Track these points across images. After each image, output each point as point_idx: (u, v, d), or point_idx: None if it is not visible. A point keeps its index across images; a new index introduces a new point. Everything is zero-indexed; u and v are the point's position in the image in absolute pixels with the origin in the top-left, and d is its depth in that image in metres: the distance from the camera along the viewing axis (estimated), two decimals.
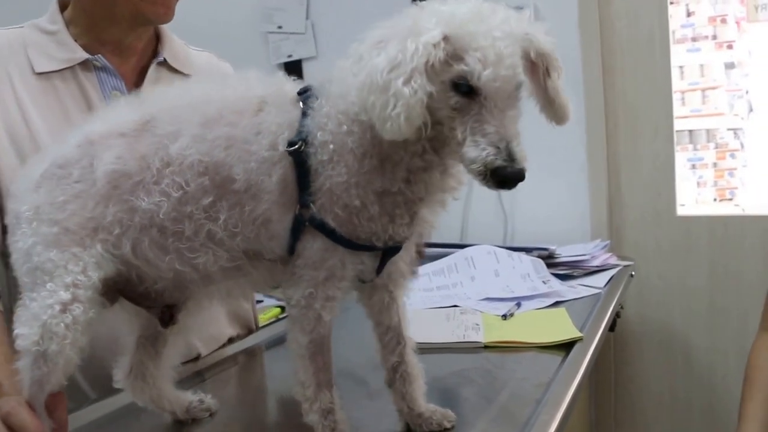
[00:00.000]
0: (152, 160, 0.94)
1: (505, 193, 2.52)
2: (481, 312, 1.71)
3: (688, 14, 2.42)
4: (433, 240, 2.26)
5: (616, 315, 1.92)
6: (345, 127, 0.90)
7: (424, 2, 0.90)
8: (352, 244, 0.93)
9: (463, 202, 2.58)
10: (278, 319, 1.86)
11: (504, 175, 0.82)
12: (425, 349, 1.42)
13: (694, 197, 2.44)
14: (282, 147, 0.91)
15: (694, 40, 2.41)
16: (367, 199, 0.91)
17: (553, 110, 0.93)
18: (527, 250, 2.09)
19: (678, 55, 2.42)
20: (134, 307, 1.07)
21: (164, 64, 1.43)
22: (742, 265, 2.37)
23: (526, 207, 2.55)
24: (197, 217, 0.93)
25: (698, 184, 2.44)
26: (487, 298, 1.82)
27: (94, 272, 0.93)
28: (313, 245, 0.93)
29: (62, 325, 0.89)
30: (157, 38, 1.47)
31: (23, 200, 0.98)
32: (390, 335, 1.07)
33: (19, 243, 0.96)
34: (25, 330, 0.90)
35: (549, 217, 2.51)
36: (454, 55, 0.84)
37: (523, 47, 0.88)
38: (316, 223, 0.91)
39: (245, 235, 0.94)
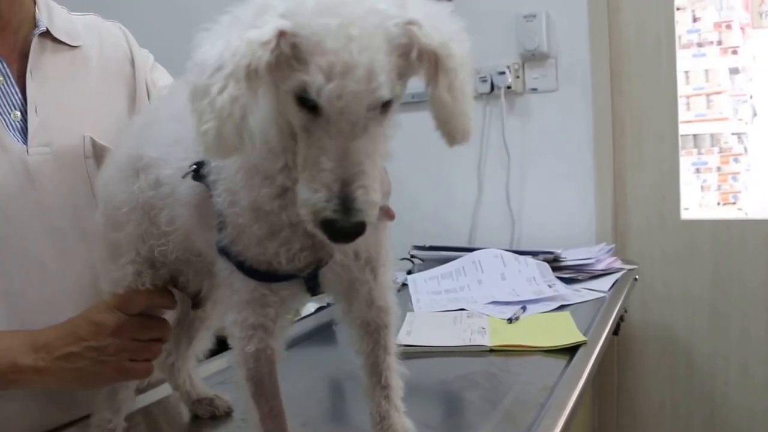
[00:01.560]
0: (142, 150, 0.97)
1: (513, 198, 2.55)
2: (487, 315, 1.71)
3: (694, 20, 2.42)
4: (443, 244, 2.30)
5: (620, 319, 1.92)
6: None
7: None
8: (243, 266, 0.82)
9: (472, 207, 2.60)
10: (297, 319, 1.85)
11: (334, 230, 0.66)
12: (432, 352, 1.47)
13: (697, 201, 2.45)
14: (190, 161, 0.85)
15: (699, 45, 2.42)
16: (244, 216, 0.79)
17: (440, 124, 0.71)
18: (533, 254, 2.09)
19: (683, 60, 2.43)
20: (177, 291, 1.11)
21: (47, 35, 1.20)
22: (745, 269, 2.37)
23: (534, 211, 2.56)
24: (158, 206, 0.95)
25: (702, 188, 2.44)
26: (494, 302, 1.83)
27: (142, 247, 1.00)
28: (221, 265, 0.85)
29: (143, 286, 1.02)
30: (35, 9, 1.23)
31: (104, 173, 1.08)
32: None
33: (99, 219, 1.07)
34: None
35: (555, 221, 2.52)
36: (299, 58, 0.65)
37: (402, 44, 0.67)
38: (216, 241, 0.84)
39: (179, 236, 0.93)
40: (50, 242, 1.14)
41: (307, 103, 0.65)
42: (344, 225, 0.65)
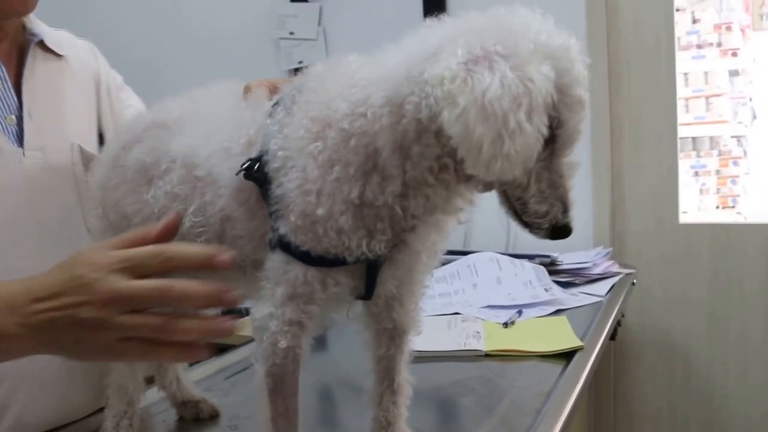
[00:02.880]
0: (164, 155, 0.95)
1: None
2: (482, 320, 1.71)
3: (694, 21, 2.42)
4: None
5: (617, 323, 1.91)
6: (303, 131, 0.83)
7: (500, 11, 0.80)
8: (307, 255, 0.83)
9: (466, 209, 2.57)
10: None
11: (565, 232, 0.80)
12: (426, 357, 1.44)
13: (696, 204, 2.44)
14: (237, 143, 0.89)
15: (699, 47, 2.41)
16: (335, 208, 0.81)
17: None
18: (529, 257, 2.08)
19: (683, 61, 2.41)
20: None
21: (39, 43, 1.23)
22: (744, 273, 2.36)
23: None
24: (179, 210, 0.92)
25: (701, 191, 2.43)
26: (489, 306, 1.81)
27: None
28: (275, 255, 0.86)
29: None
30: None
31: (98, 174, 1.05)
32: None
33: (95, 223, 1.05)
34: None
35: None
36: None
37: None
38: (273, 230, 0.85)
39: (211, 227, 0.91)
40: (42, 244, 1.13)
41: None
42: (570, 228, 0.80)
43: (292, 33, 2.86)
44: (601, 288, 1.97)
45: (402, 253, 0.87)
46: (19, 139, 1.15)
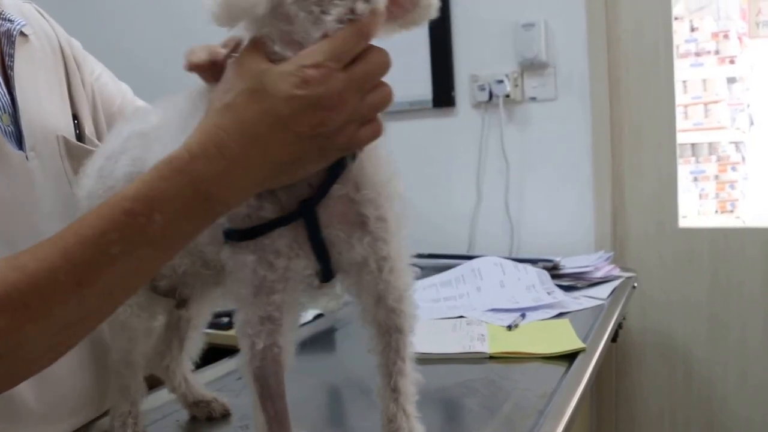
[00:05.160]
0: (146, 163, 0.91)
1: (512, 206, 2.56)
2: (486, 323, 1.71)
3: (692, 29, 2.44)
4: (442, 252, 2.30)
5: (619, 326, 1.92)
6: None
7: None
8: (230, 233, 0.81)
9: (470, 215, 2.61)
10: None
11: None
12: (431, 359, 1.46)
13: (695, 209, 2.46)
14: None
15: (697, 54, 2.43)
16: None
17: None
18: (533, 262, 2.09)
19: (681, 69, 2.43)
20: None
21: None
22: (743, 277, 2.37)
23: (533, 219, 2.57)
24: None
25: (700, 196, 2.45)
26: (493, 309, 1.82)
27: None
28: (226, 256, 0.84)
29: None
30: None
31: (82, 185, 1.01)
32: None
33: None
34: None
35: (554, 229, 2.52)
36: None
37: None
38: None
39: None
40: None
41: None
42: None
43: None
44: (603, 291, 1.98)
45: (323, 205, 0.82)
46: (18, 141, 1.04)
